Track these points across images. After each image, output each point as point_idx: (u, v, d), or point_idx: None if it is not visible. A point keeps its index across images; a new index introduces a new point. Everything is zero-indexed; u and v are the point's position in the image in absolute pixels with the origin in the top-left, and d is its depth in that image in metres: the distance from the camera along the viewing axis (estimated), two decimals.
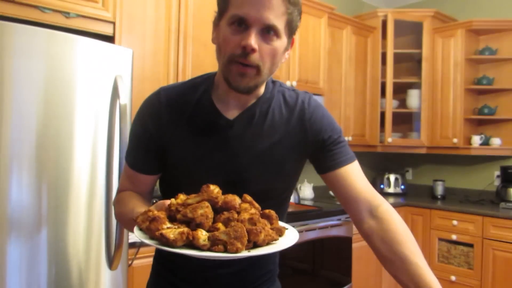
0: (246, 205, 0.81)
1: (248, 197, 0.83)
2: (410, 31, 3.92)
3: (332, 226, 2.88)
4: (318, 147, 1.00)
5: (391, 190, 4.02)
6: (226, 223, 0.75)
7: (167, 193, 1.03)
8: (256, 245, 0.75)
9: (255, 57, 0.86)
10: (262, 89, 1.00)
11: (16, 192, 1.48)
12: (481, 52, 3.70)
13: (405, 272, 0.85)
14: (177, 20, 2.39)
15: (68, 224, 1.60)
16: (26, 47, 1.50)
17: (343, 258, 3.00)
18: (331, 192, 2.74)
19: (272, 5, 0.85)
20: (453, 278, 3.32)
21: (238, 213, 0.78)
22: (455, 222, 3.33)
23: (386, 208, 0.95)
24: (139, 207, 0.90)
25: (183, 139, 0.97)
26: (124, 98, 1.70)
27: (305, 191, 3.48)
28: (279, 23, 0.87)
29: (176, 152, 0.98)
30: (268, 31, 0.86)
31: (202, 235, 0.72)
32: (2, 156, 1.45)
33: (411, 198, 3.83)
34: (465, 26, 3.62)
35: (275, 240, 0.78)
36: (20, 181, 1.49)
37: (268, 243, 0.76)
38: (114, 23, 2.11)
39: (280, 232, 0.80)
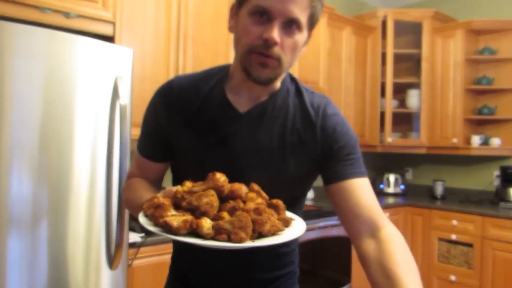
0: (252, 195, 0.78)
1: (256, 186, 0.80)
2: (410, 31, 3.92)
3: (332, 226, 2.88)
4: (326, 156, 0.93)
5: (391, 190, 4.02)
6: (232, 212, 0.73)
7: (176, 181, 1.01)
8: (261, 236, 0.72)
9: (277, 50, 0.84)
10: (278, 84, 0.96)
11: (16, 192, 1.48)
12: (481, 52, 3.70)
13: None
14: (177, 21, 2.39)
15: (68, 224, 1.61)
16: (26, 47, 1.50)
17: (343, 258, 3.00)
18: None
19: None
20: (452, 278, 3.32)
21: (244, 202, 0.76)
22: (454, 222, 3.33)
23: (390, 231, 0.84)
24: (148, 193, 0.89)
25: (189, 129, 0.94)
26: (124, 98, 1.71)
27: None
28: (303, 17, 0.84)
29: (181, 141, 0.96)
30: (290, 25, 0.84)
31: (206, 223, 0.70)
32: (2, 156, 1.46)
33: (411, 198, 3.83)
34: (465, 26, 3.62)
35: (281, 230, 0.75)
36: (20, 181, 1.50)
37: (273, 234, 0.73)
38: (114, 23, 2.11)
39: (286, 223, 0.77)
